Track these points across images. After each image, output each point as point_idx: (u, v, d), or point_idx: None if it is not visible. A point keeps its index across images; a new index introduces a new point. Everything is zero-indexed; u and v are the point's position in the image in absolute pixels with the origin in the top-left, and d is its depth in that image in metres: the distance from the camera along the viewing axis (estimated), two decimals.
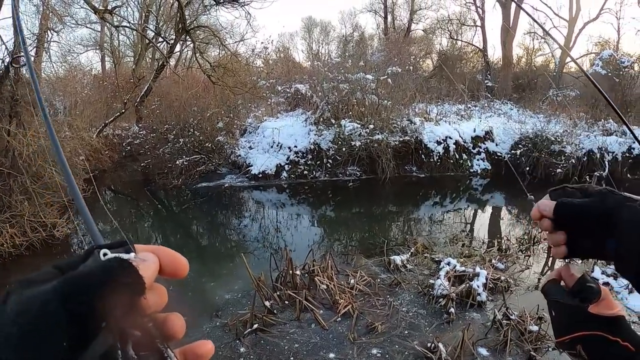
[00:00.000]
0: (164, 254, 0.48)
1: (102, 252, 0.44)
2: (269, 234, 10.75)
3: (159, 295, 0.46)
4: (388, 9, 34.84)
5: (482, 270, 6.92)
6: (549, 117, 17.27)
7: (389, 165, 14.41)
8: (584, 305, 0.82)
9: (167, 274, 0.48)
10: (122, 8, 22.83)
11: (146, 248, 0.48)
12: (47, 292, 0.38)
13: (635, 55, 24.43)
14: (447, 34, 32.72)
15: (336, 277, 6.87)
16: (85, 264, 0.43)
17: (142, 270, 0.43)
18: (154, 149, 15.17)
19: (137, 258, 0.44)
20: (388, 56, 19.91)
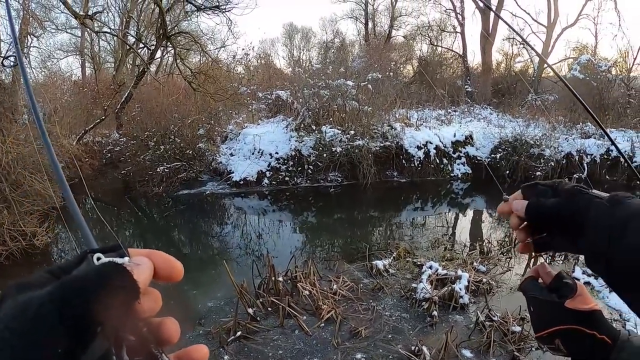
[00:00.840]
0: (159, 258, 0.48)
1: (96, 256, 0.44)
2: (251, 241, 10.71)
3: (154, 299, 0.46)
4: (369, 15, 35.11)
5: (464, 273, 6.99)
6: (528, 121, 17.49)
7: (370, 170, 14.45)
8: (560, 300, 0.84)
9: (162, 278, 0.48)
10: (103, 13, 22.74)
11: (140, 252, 0.48)
12: (41, 296, 0.38)
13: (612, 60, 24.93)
14: (427, 40, 33.08)
15: (319, 283, 6.87)
16: (79, 268, 0.43)
17: (137, 275, 0.42)
18: (134, 156, 15.03)
19: (131, 262, 0.44)
20: (369, 62, 20.02)
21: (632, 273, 0.64)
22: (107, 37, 24.39)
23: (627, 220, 0.66)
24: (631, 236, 0.64)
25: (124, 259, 0.44)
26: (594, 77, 21.08)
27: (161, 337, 0.45)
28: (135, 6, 22.42)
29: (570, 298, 0.84)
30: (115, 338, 0.40)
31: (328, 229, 11.60)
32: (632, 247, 0.64)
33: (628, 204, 0.69)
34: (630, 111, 20.29)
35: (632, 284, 0.65)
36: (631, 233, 0.65)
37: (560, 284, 0.86)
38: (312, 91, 16.18)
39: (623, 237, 0.65)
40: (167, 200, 13.72)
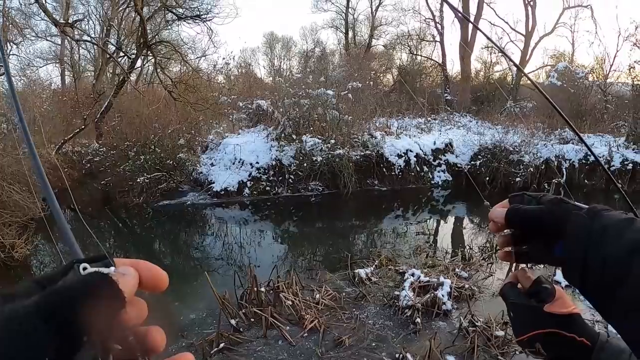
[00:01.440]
0: (144, 267, 0.49)
1: (82, 266, 0.44)
2: (233, 252, 10.65)
3: (139, 308, 0.47)
4: (349, 25, 35.36)
5: (446, 280, 7.01)
6: (507, 128, 17.70)
7: (351, 179, 14.48)
8: (539, 305, 0.86)
9: (147, 288, 0.48)
10: (84, 21, 22.53)
11: (126, 262, 0.48)
12: (28, 306, 0.38)
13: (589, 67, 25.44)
14: (407, 49, 33.37)
15: (301, 293, 6.84)
16: (66, 278, 0.43)
17: (122, 285, 0.43)
18: (114, 167, 14.87)
19: (117, 272, 0.44)
20: (349, 71, 20.12)
21: (605, 283, 0.64)
22: (87, 46, 24.16)
23: (604, 231, 0.67)
24: (607, 247, 0.65)
25: (109, 269, 0.44)
26: (571, 84, 21.46)
27: (147, 345, 0.46)
28: (116, 14, 22.26)
29: (549, 302, 0.85)
30: (101, 347, 0.41)
31: (310, 238, 11.59)
32: (607, 257, 0.64)
33: (606, 216, 0.70)
34: (607, 116, 20.74)
35: (605, 294, 0.65)
36: (607, 244, 0.65)
37: (539, 289, 0.87)
38: (293, 100, 16.20)
39: (599, 247, 0.66)
40: (148, 211, 13.57)
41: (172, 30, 20.11)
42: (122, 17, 22.58)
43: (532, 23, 29.84)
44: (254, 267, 7.35)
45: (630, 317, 0.61)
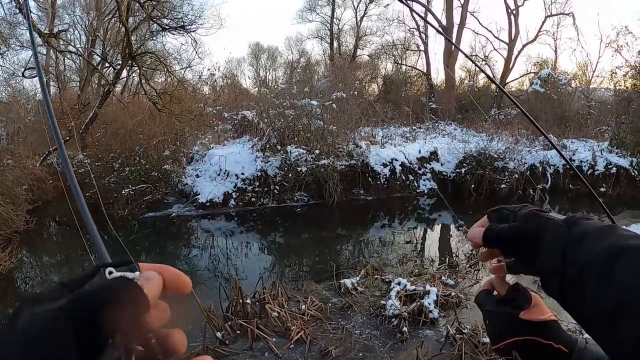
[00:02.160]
0: (168, 272, 0.51)
1: (108, 270, 0.46)
2: (218, 263, 10.59)
3: (162, 312, 0.49)
4: (334, 35, 35.52)
5: (432, 288, 7.01)
6: (492, 135, 17.84)
7: (336, 189, 14.48)
8: (515, 312, 0.85)
9: (171, 292, 0.51)
10: (69, 31, 22.44)
11: (150, 267, 0.50)
12: (56, 309, 0.40)
13: (571, 73, 25.81)
14: (391, 58, 33.58)
15: (287, 304, 6.81)
16: (92, 282, 0.45)
17: (147, 289, 0.45)
18: (99, 178, 14.69)
19: (142, 277, 0.47)
20: (334, 82, 20.19)
21: (584, 291, 0.63)
22: (73, 56, 24.05)
23: (582, 238, 0.66)
24: (585, 254, 0.64)
25: (135, 274, 0.47)
26: (554, 91, 21.73)
27: (168, 348, 0.48)
28: (101, 24, 22.22)
29: (525, 309, 0.85)
30: (125, 348, 0.41)
31: (295, 249, 11.56)
32: (586, 265, 0.63)
33: (585, 224, 0.69)
34: (591, 121, 21.03)
35: (584, 303, 0.64)
36: (585, 251, 0.64)
37: (515, 295, 0.86)
38: (278, 111, 16.21)
39: (577, 255, 0.65)
40: (133, 224, 13.46)
41: (157, 41, 20.05)
42: (108, 27, 22.54)
43: (515, 31, 30.25)
44: (240, 279, 7.32)
45: (609, 326, 0.59)
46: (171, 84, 18.48)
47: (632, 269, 0.57)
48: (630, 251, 0.59)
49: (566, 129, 19.46)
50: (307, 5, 35.64)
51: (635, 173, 15.12)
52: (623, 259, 0.59)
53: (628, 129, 17.01)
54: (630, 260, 0.58)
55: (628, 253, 0.59)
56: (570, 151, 16.46)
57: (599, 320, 0.60)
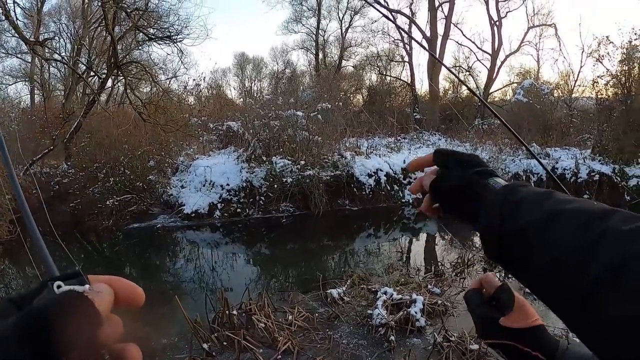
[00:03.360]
0: (119, 284, 0.49)
1: (56, 284, 0.44)
2: (204, 275, 10.52)
3: (115, 326, 0.46)
4: (319, 46, 35.65)
5: (418, 297, 7.03)
6: (476, 145, 17.98)
7: (322, 200, 14.50)
8: (496, 316, 0.87)
9: (123, 305, 0.49)
10: (55, 39, 22.27)
11: (100, 279, 0.48)
12: (5, 329, 0.38)
13: (554, 83, 26.17)
14: (376, 69, 33.73)
15: (274, 315, 6.78)
16: (40, 297, 0.43)
17: (97, 303, 0.43)
18: (83, 189, 14.59)
19: (92, 290, 0.45)
20: (319, 92, 20.25)
21: (522, 254, 0.64)
22: (58, 64, 23.90)
23: (520, 203, 0.67)
24: (523, 219, 0.65)
25: (84, 287, 0.45)
26: (537, 100, 22.02)
27: None
28: (87, 33, 22.09)
29: (507, 314, 0.87)
30: None
31: (281, 259, 11.53)
32: (523, 229, 0.64)
33: (523, 190, 0.70)
34: (573, 130, 21.31)
35: (520, 264, 0.65)
36: (522, 216, 0.65)
37: (500, 298, 0.88)
38: (263, 122, 16.22)
39: (515, 219, 0.66)
40: (118, 234, 13.36)
41: (142, 50, 20.01)
42: (94, 36, 22.42)
43: (498, 42, 30.66)
44: (226, 290, 7.28)
45: (547, 282, 0.60)
46: (156, 94, 18.42)
47: (567, 230, 0.59)
48: (566, 213, 0.61)
49: (549, 137, 19.72)
50: (293, 17, 35.80)
51: (617, 180, 15.32)
52: (559, 220, 0.61)
53: (610, 136, 17.26)
54: (566, 222, 0.60)
55: (564, 215, 0.61)
56: (553, 159, 16.70)
57: (538, 277, 0.62)
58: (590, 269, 0.53)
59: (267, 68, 41.17)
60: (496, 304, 0.88)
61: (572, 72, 27.54)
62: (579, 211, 0.61)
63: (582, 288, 0.54)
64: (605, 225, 0.56)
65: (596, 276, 0.52)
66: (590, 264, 0.54)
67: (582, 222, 0.59)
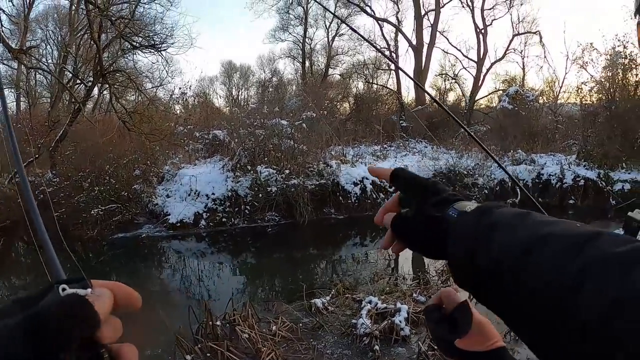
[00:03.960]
0: (119, 289, 0.53)
1: (61, 287, 0.47)
2: (189, 285, 10.47)
3: (114, 327, 0.50)
4: (306, 54, 35.71)
5: (403, 305, 7.03)
6: (462, 152, 18.11)
7: (307, 209, 14.48)
8: (452, 337, 0.82)
9: (122, 308, 0.52)
10: (41, 46, 22.10)
11: (102, 284, 0.52)
12: (11, 328, 0.41)
13: (539, 90, 26.45)
14: (363, 77, 33.83)
15: (258, 325, 6.76)
16: (46, 298, 0.47)
17: (98, 306, 0.46)
18: (68, 198, 14.43)
19: (93, 294, 0.48)
20: (305, 101, 20.29)
21: (500, 290, 0.59)
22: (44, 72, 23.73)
23: (493, 228, 0.62)
24: (496, 250, 0.59)
25: (86, 291, 0.49)
26: (522, 107, 22.24)
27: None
28: (73, 40, 21.97)
29: (463, 336, 0.81)
30: None
31: (266, 269, 11.51)
32: (499, 261, 0.58)
33: (496, 213, 0.65)
34: (558, 136, 21.55)
35: (494, 302, 0.61)
36: (496, 246, 0.60)
37: (458, 317, 0.81)
38: (248, 131, 16.21)
39: (488, 250, 0.60)
40: (103, 244, 13.24)
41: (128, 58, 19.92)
42: (80, 43, 22.30)
43: (484, 50, 30.89)
44: (211, 300, 7.26)
45: (524, 324, 0.56)
46: (142, 102, 18.34)
47: (544, 266, 0.53)
48: (546, 240, 0.55)
49: (534, 144, 19.94)
50: (280, 25, 35.85)
51: (602, 184, 15.48)
52: (537, 251, 0.55)
53: (595, 142, 17.50)
54: (543, 255, 0.54)
55: (541, 244, 0.55)
56: (539, 165, 16.87)
57: (513, 319, 0.57)
58: (574, 311, 0.47)
59: (254, 76, 41.11)
60: (456, 323, 0.80)
61: (557, 78, 27.93)
62: (559, 236, 0.55)
63: (567, 336, 0.48)
64: (590, 255, 0.50)
65: (582, 323, 0.46)
66: (575, 304, 0.47)
67: (563, 251, 0.52)
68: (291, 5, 34.30)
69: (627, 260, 0.46)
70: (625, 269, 0.45)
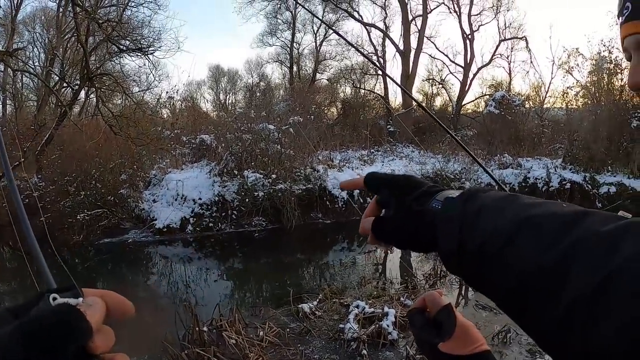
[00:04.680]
0: (111, 298, 0.52)
1: (52, 296, 0.47)
2: (176, 290, 10.41)
3: (107, 336, 0.49)
4: (294, 59, 35.75)
5: (390, 310, 7.05)
6: (448, 156, 18.21)
7: (294, 213, 14.47)
8: (435, 342, 0.82)
9: (114, 317, 0.52)
10: (28, 48, 21.88)
11: (94, 292, 0.51)
12: (2, 337, 0.41)
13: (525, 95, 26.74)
14: (350, 82, 33.92)
15: (245, 331, 6.74)
16: (37, 307, 0.46)
17: (89, 316, 0.46)
18: (54, 202, 14.28)
19: (85, 303, 0.48)
20: (292, 105, 20.30)
21: (482, 273, 0.59)
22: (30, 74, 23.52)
23: (478, 214, 0.62)
24: (484, 229, 0.60)
25: (78, 300, 0.48)
26: (509, 112, 22.43)
27: None
28: (60, 43, 21.79)
29: (446, 340, 0.81)
30: None
31: (254, 274, 11.46)
32: (485, 241, 0.59)
33: (482, 197, 0.65)
34: (545, 140, 21.77)
35: (484, 285, 0.61)
36: (482, 226, 0.60)
37: (442, 320, 0.81)
38: (235, 135, 16.18)
39: (474, 230, 0.61)
40: (89, 250, 13.12)
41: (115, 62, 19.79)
42: (67, 46, 22.14)
43: (471, 55, 31.14)
44: (197, 306, 7.21)
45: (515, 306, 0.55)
46: (129, 106, 18.21)
47: (531, 245, 0.53)
48: (531, 221, 0.56)
49: (521, 148, 20.14)
50: (268, 30, 35.83)
51: (588, 187, 15.63)
52: (522, 232, 0.55)
53: (580, 145, 17.70)
54: (530, 234, 0.54)
55: (528, 224, 0.56)
56: (525, 169, 17.04)
57: (504, 300, 0.57)
58: (562, 293, 0.48)
59: (241, 81, 41.03)
60: (440, 327, 0.81)
61: (543, 83, 28.27)
62: (544, 217, 0.55)
63: (556, 315, 0.48)
64: (577, 235, 0.50)
65: (572, 299, 0.46)
66: (563, 285, 0.48)
67: (549, 232, 0.53)
68: (279, 10, 34.34)
69: (614, 239, 0.47)
70: (612, 246, 0.46)
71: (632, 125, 15.92)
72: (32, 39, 25.38)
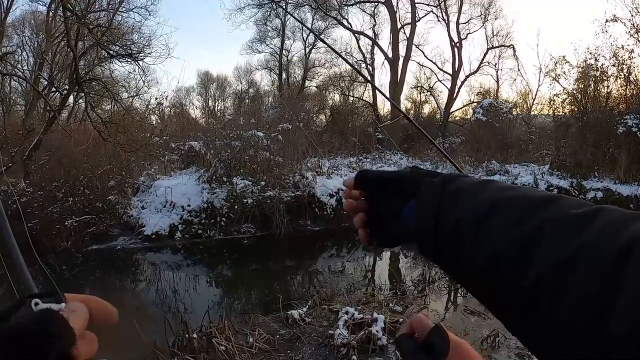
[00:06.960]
0: (94, 303, 0.52)
1: (34, 302, 0.46)
2: (165, 297, 10.36)
3: (90, 342, 0.49)
4: (283, 66, 35.82)
5: (380, 315, 7.07)
6: (437, 163, 18.32)
7: (283, 220, 14.47)
8: None
9: (98, 322, 0.51)
10: (17, 52, 21.72)
11: (77, 297, 0.51)
12: None
13: (512, 102, 27.04)
14: (339, 90, 34.05)
15: (235, 337, 6.73)
16: (18, 313, 0.45)
17: (72, 322, 0.45)
18: (42, 208, 14.16)
19: (67, 309, 0.47)
20: (281, 112, 20.33)
21: (461, 251, 0.60)
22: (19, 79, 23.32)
23: (456, 194, 0.64)
24: (459, 211, 0.62)
25: (60, 305, 0.47)
26: (496, 119, 22.65)
27: None
28: (50, 47, 21.66)
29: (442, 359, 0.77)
30: None
31: (243, 281, 11.46)
32: (460, 222, 0.61)
33: (460, 181, 0.67)
34: (532, 146, 22.00)
35: (456, 256, 0.62)
36: (459, 208, 0.62)
37: (434, 341, 0.78)
38: (224, 142, 16.17)
39: (451, 212, 0.63)
40: (77, 256, 13.02)
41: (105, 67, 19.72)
42: (57, 50, 22.02)
43: (459, 63, 31.45)
44: (186, 313, 7.20)
45: (486, 282, 0.57)
46: (118, 112, 18.14)
47: (502, 223, 0.56)
48: (504, 202, 0.58)
49: (508, 154, 20.37)
50: (257, 36, 35.91)
51: (575, 193, 15.75)
52: (495, 212, 0.58)
53: (567, 152, 17.92)
54: (502, 214, 0.57)
55: (500, 205, 0.58)
56: (512, 175, 17.20)
57: (476, 276, 0.58)
58: (529, 267, 0.49)
59: (231, 87, 41.06)
60: (432, 349, 0.77)
61: (530, 90, 28.66)
62: (517, 199, 0.58)
63: (522, 292, 0.50)
64: (548, 214, 0.52)
65: (537, 275, 0.48)
66: (531, 259, 0.50)
67: (520, 212, 0.55)
68: (269, 17, 34.45)
69: (583, 220, 0.50)
70: (581, 226, 0.49)
71: (618, 132, 16.12)
72: (21, 42, 25.26)
